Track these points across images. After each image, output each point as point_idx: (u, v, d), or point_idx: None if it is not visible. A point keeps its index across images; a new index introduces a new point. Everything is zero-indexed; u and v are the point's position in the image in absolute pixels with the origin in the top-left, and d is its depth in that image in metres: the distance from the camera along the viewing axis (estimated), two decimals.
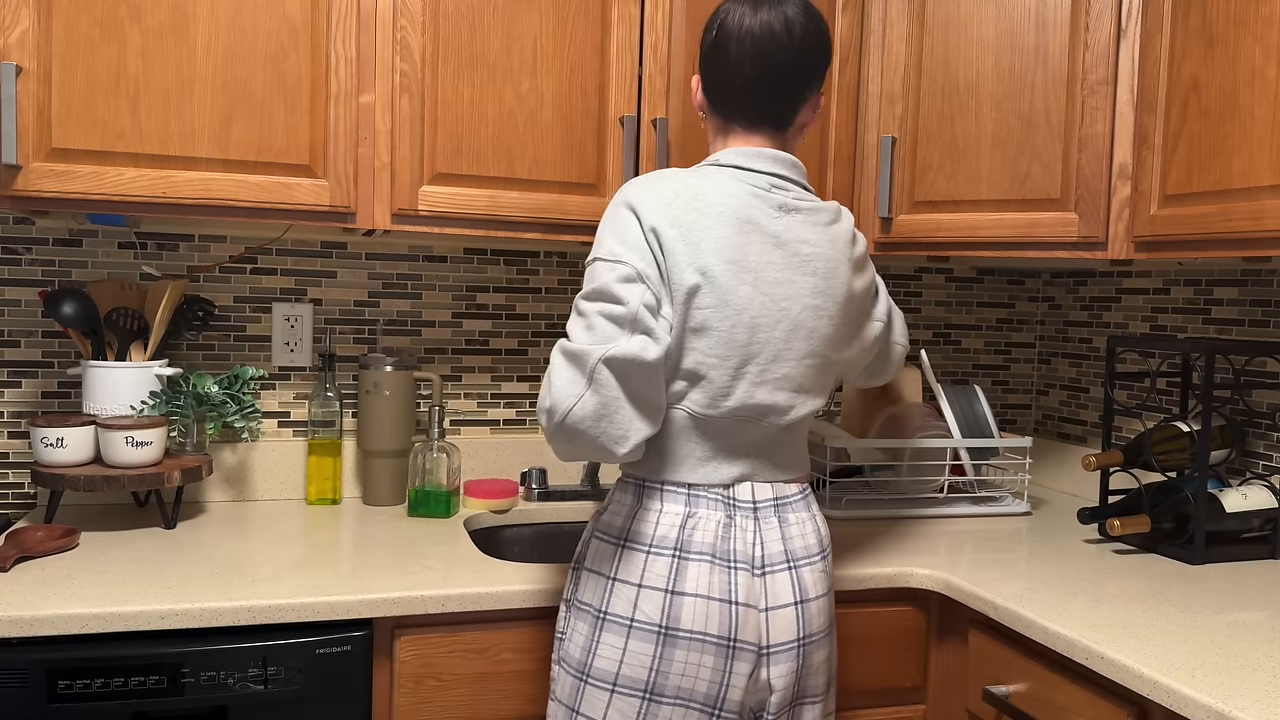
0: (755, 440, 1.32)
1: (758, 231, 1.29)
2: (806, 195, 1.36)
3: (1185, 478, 1.80)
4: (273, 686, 1.40)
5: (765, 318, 1.28)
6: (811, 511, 1.37)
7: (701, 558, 1.27)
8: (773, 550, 1.31)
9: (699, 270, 1.25)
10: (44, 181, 1.56)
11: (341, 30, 1.67)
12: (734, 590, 1.27)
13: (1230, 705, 1.13)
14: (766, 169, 1.33)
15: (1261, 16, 1.49)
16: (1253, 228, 1.50)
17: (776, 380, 1.30)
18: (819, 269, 1.32)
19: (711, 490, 1.31)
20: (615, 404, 1.21)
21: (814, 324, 1.32)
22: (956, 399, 2.08)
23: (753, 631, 1.28)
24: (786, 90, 1.34)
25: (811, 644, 1.32)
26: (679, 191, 1.28)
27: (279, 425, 2.05)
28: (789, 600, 1.30)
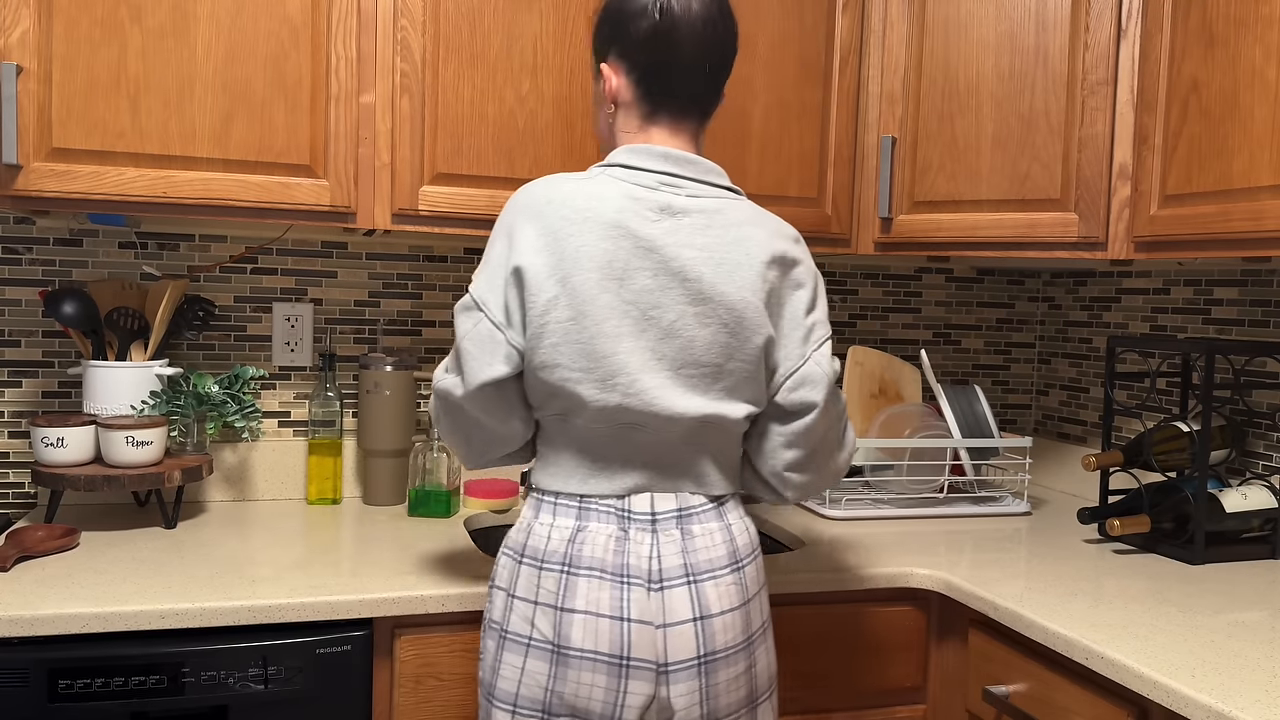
0: (650, 450, 1.26)
1: (627, 237, 1.22)
2: (706, 192, 1.28)
3: (1185, 478, 1.80)
4: (273, 686, 1.40)
5: (632, 326, 1.22)
6: (724, 522, 1.29)
7: (591, 573, 1.22)
8: (671, 565, 1.24)
9: (560, 281, 1.21)
10: (44, 181, 1.56)
11: (342, 30, 1.67)
12: (626, 607, 1.22)
13: (1230, 705, 1.13)
14: (656, 167, 1.27)
15: (1261, 16, 1.49)
16: (1253, 228, 1.50)
17: (653, 389, 1.23)
18: (703, 273, 1.24)
19: (604, 502, 1.26)
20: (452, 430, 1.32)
21: (694, 332, 1.23)
22: (956, 399, 2.08)
23: (648, 649, 1.22)
24: (719, 79, 1.32)
25: (717, 661, 1.25)
26: (550, 199, 1.24)
27: (279, 425, 2.05)
28: (687, 616, 1.23)
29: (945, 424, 2.06)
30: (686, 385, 1.25)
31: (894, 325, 2.44)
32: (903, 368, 2.22)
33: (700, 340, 1.24)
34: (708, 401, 1.25)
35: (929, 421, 2.07)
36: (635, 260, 1.22)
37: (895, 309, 2.44)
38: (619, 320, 1.22)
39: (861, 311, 2.41)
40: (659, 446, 1.26)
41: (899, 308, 2.44)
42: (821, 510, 2.00)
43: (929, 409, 2.11)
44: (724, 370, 1.26)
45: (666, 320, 1.23)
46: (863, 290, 2.41)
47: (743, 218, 1.28)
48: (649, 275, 1.23)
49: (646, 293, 1.23)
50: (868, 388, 2.16)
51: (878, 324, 2.43)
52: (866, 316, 2.42)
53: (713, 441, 1.29)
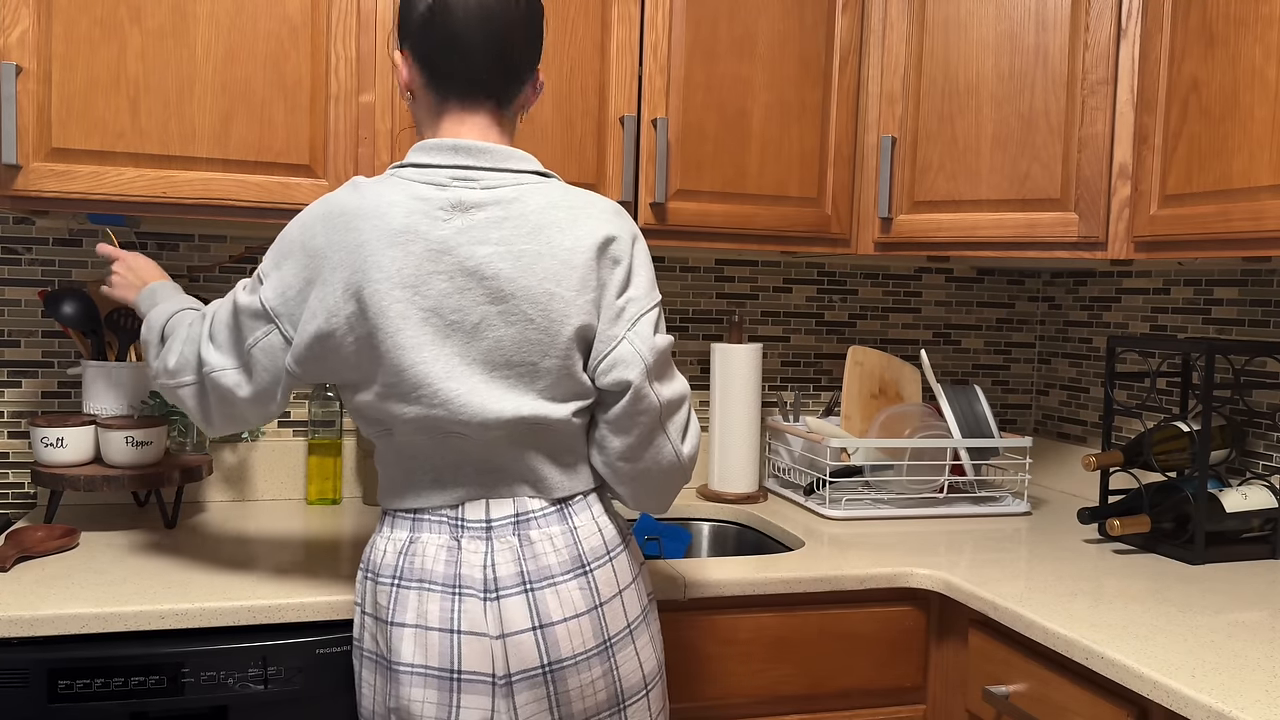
0: (475, 456, 1.22)
1: (418, 240, 1.17)
2: (508, 180, 1.23)
3: (1185, 478, 1.80)
4: (273, 686, 1.40)
5: (431, 334, 1.18)
6: (568, 525, 1.24)
7: (420, 585, 1.20)
8: (506, 573, 1.20)
9: (353, 297, 1.18)
10: (44, 181, 1.56)
11: (341, 30, 1.67)
12: (456, 619, 1.18)
13: (1230, 705, 1.13)
14: (447, 162, 1.22)
15: (1261, 16, 1.49)
16: (1253, 228, 1.50)
17: (461, 396, 1.19)
18: (500, 269, 1.18)
19: (438, 512, 1.23)
20: (205, 408, 1.31)
21: (500, 332, 1.19)
22: (956, 399, 2.08)
23: (482, 661, 1.18)
24: (511, 62, 1.25)
25: (564, 669, 1.21)
26: (343, 210, 1.20)
27: (279, 425, 2.05)
28: (525, 626, 1.19)
29: (945, 424, 2.06)
30: (504, 387, 1.20)
31: (894, 325, 2.44)
32: (903, 368, 2.22)
33: (508, 339, 1.19)
34: (527, 402, 1.21)
35: (929, 421, 2.07)
36: (428, 264, 1.17)
37: (895, 309, 2.44)
38: (417, 330, 1.17)
39: (861, 311, 2.41)
40: (483, 451, 1.22)
41: (899, 308, 2.44)
42: (821, 510, 2.00)
43: (929, 409, 2.11)
44: (540, 368, 1.21)
45: (469, 323, 1.19)
46: (863, 290, 2.41)
47: (544, 203, 1.22)
48: (444, 279, 1.18)
49: (445, 296, 1.18)
50: (868, 388, 2.16)
51: (878, 324, 2.43)
52: (866, 316, 2.42)
53: (545, 442, 1.24)
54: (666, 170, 1.84)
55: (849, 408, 2.12)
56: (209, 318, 1.31)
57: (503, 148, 1.24)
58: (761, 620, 1.60)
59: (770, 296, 2.34)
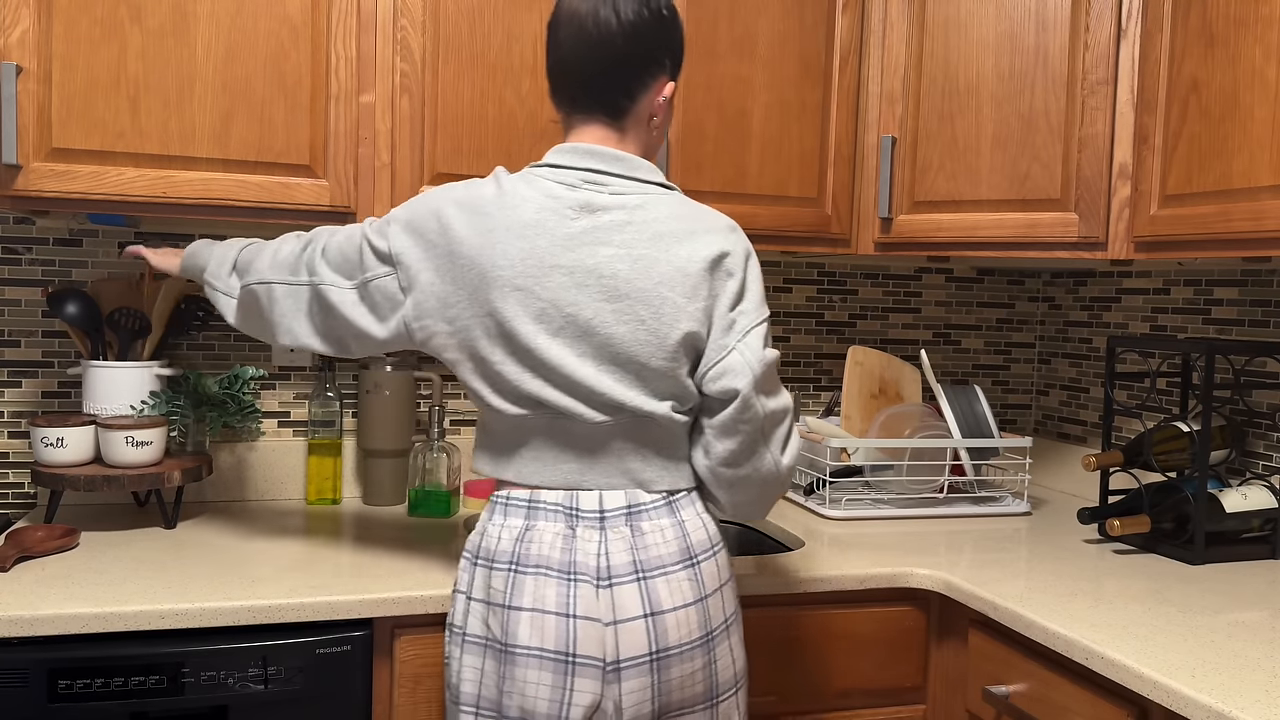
0: (587, 443, 1.27)
1: (545, 235, 1.25)
2: (634, 189, 1.29)
3: (1185, 478, 1.80)
4: (273, 686, 1.40)
5: (547, 325, 1.24)
6: (677, 518, 1.29)
7: (538, 571, 1.24)
8: (619, 561, 1.24)
9: (483, 277, 1.25)
10: (44, 181, 1.56)
11: (342, 30, 1.67)
12: (572, 603, 1.22)
13: (1230, 705, 1.13)
14: (580, 164, 1.29)
15: (1261, 16, 1.49)
16: (1253, 228, 1.50)
17: (573, 385, 1.25)
18: (618, 270, 1.25)
19: (551, 498, 1.27)
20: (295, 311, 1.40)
21: (612, 329, 1.25)
22: (956, 399, 2.08)
23: (595, 646, 1.22)
24: (615, 75, 1.29)
25: (670, 657, 1.25)
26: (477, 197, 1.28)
27: (279, 425, 2.05)
28: (638, 613, 1.23)
29: (945, 424, 2.06)
30: (611, 380, 1.25)
31: (894, 325, 2.44)
32: (903, 368, 2.22)
33: (618, 337, 1.25)
34: (633, 396, 1.26)
35: (929, 421, 2.07)
36: (550, 259, 1.24)
37: (895, 309, 2.44)
38: (534, 320, 1.24)
39: (861, 311, 2.41)
40: (599, 439, 1.27)
41: (899, 308, 2.44)
42: (821, 510, 2.00)
43: (929, 409, 2.11)
44: (648, 368, 1.26)
45: (583, 318, 1.24)
46: (863, 290, 2.41)
47: (666, 213, 1.28)
48: (564, 274, 1.24)
49: (563, 290, 1.24)
50: (868, 388, 2.16)
51: (878, 324, 2.43)
52: (866, 316, 2.42)
53: (651, 437, 1.29)
54: (667, 170, 1.84)
55: (849, 408, 2.12)
56: (320, 240, 1.40)
57: (632, 157, 1.31)
58: (762, 620, 1.60)
59: (770, 296, 2.34)
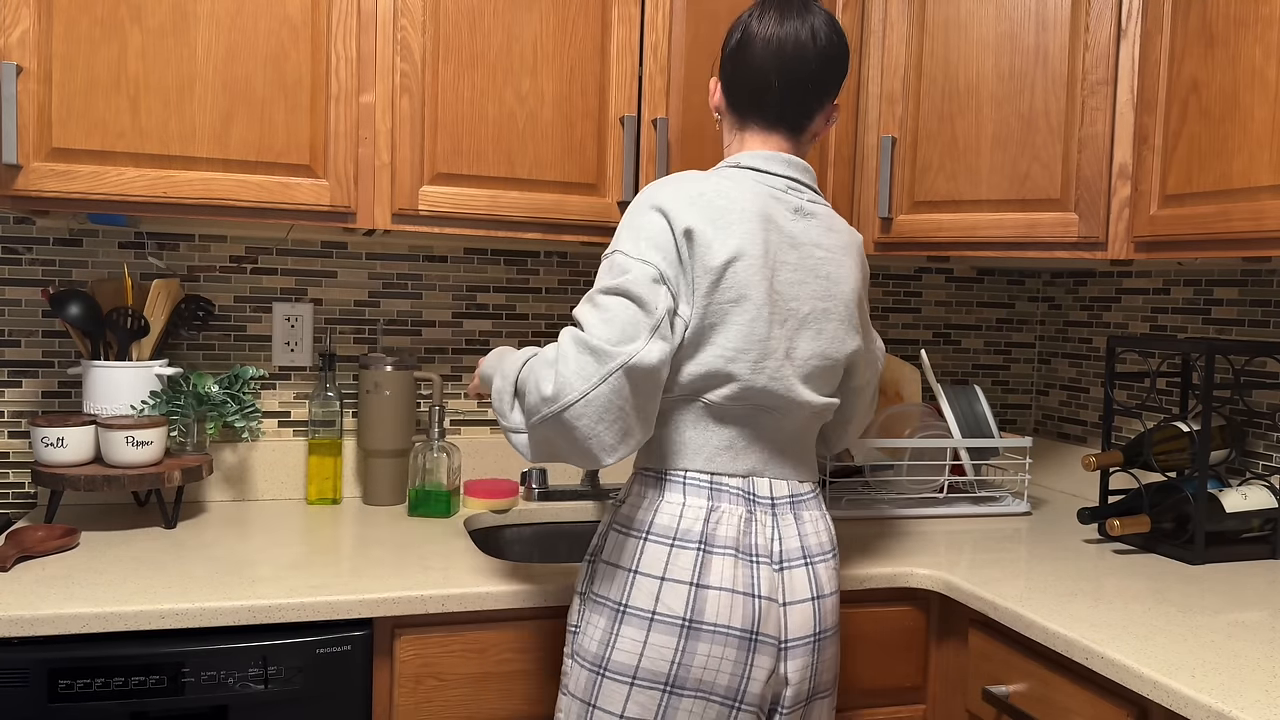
0: (770, 435, 1.35)
1: (777, 230, 1.32)
2: (819, 199, 1.41)
3: (1185, 478, 1.80)
4: (273, 686, 1.40)
5: (779, 314, 1.31)
6: (822, 511, 1.41)
7: (726, 552, 1.29)
8: (790, 546, 1.34)
9: (728, 258, 1.26)
10: (44, 181, 1.56)
11: (342, 30, 1.67)
12: (757, 584, 1.29)
13: (1230, 705, 1.13)
14: (783, 172, 1.37)
15: (1261, 16, 1.49)
16: (1253, 228, 1.50)
17: (790, 376, 1.33)
18: (830, 273, 1.37)
19: (732, 483, 1.33)
20: (620, 411, 1.20)
21: (820, 324, 1.35)
22: (956, 399, 2.08)
23: (774, 625, 1.30)
24: (804, 98, 1.37)
25: (825, 639, 1.35)
26: (703, 190, 1.30)
27: (279, 425, 2.05)
28: (807, 595, 1.33)
29: (945, 424, 2.06)
30: (810, 373, 1.35)
31: (894, 325, 2.44)
32: (902, 368, 2.22)
33: (826, 334, 1.36)
34: (820, 393, 1.38)
35: (929, 421, 2.07)
36: (782, 254, 1.32)
37: (895, 309, 2.44)
38: (769, 308, 1.30)
39: None
40: (783, 431, 1.36)
41: (899, 308, 2.44)
42: None
43: (929, 409, 2.11)
44: (834, 365, 1.38)
45: (802, 313, 1.34)
46: None
47: (843, 227, 1.43)
48: (791, 269, 1.33)
49: (788, 285, 1.33)
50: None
51: (878, 324, 2.43)
52: None
53: (814, 429, 1.41)
54: (667, 170, 1.84)
55: None
56: (579, 327, 1.24)
57: (811, 169, 1.43)
58: None
59: None
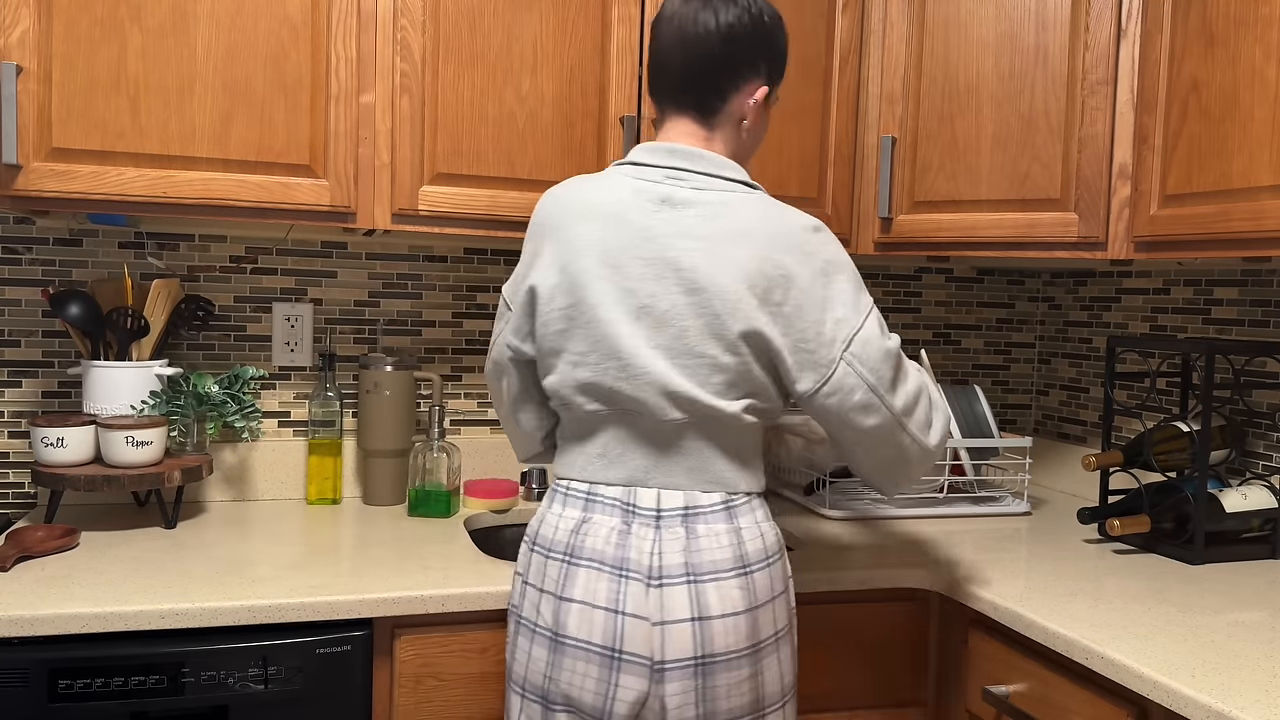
0: (648, 441, 1.28)
1: (627, 226, 1.27)
2: (716, 185, 1.29)
3: (1185, 478, 1.80)
4: (273, 686, 1.40)
5: (625, 313, 1.25)
6: (734, 524, 1.27)
7: (591, 564, 1.25)
8: (672, 562, 1.24)
9: (560, 269, 1.29)
10: (44, 181, 1.56)
11: (342, 30, 1.67)
12: (622, 600, 1.23)
13: (1230, 705, 1.13)
14: (662, 163, 1.31)
15: (1261, 16, 1.49)
16: (1253, 228, 1.50)
17: (649, 374, 1.25)
18: (697, 264, 1.24)
19: (609, 492, 1.28)
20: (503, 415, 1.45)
21: (687, 322, 1.24)
22: (956, 399, 2.08)
23: (642, 644, 1.22)
24: (709, 77, 1.31)
25: (715, 664, 1.23)
26: (561, 195, 1.33)
27: (279, 425, 2.05)
28: (686, 615, 1.23)
29: None
30: (683, 374, 1.25)
31: (894, 325, 2.44)
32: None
33: (693, 330, 1.24)
34: (705, 394, 1.25)
35: None
36: (632, 249, 1.26)
37: (895, 309, 2.44)
38: (615, 306, 1.26)
39: None
40: (663, 436, 1.27)
41: (899, 308, 2.44)
42: (821, 510, 2.00)
43: None
44: (720, 363, 1.25)
45: (660, 309, 1.25)
46: None
47: (749, 212, 1.27)
48: (643, 264, 1.26)
49: (641, 281, 1.25)
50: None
51: None
52: None
53: (719, 436, 1.28)
54: None
55: None
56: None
57: (713, 155, 1.31)
58: None
59: None
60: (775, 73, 1.37)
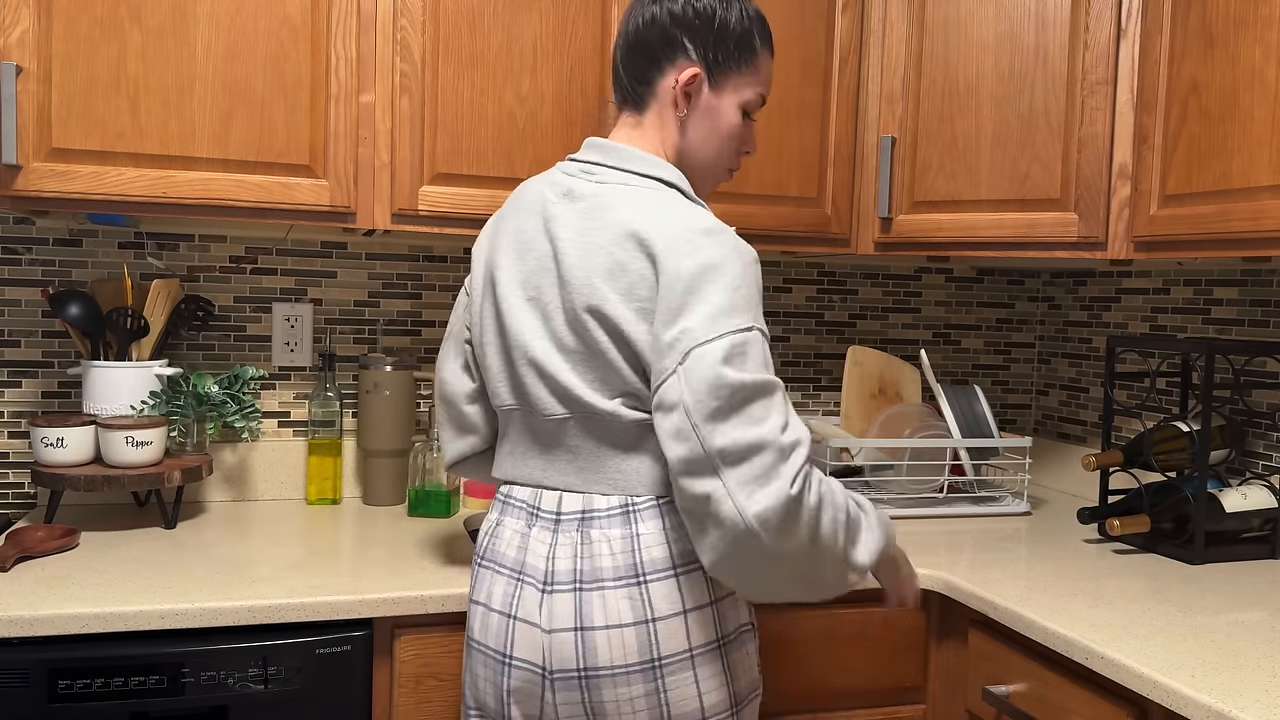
0: (541, 439, 1.25)
1: (533, 219, 1.28)
2: (617, 178, 1.25)
3: (1185, 478, 1.80)
4: (273, 686, 1.40)
5: (522, 302, 1.25)
6: (631, 530, 1.19)
7: (499, 568, 1.26)
8: (562, 568, 1.19)
9: (484, 264, 1.33)
10: (44, 181, 1.56)
11: (342, 30, 1.67)
12: (516, 604, 1.21)
13: (1230, 705, 1.13)
14: (583, 156, 1.30)
15: (1261, 17, 1.49)
16: (1252, 228, 1.50)
17: (538, 367, 1.22)
18: (570, 256, 1.20)
19: (519, 494, 1.27)
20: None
21: (562, 316, 1.21)
22: (956, 399, 2.08)
23: (534, 651, 1.19)
24: (634, 62, 1.30)
25: (600, 678, 1.17)
26: (515, 192, 1.36)
27: (279, 425, 2.05)
28: (569, 625, 1.18)
29: (945, 424, 2.06)
30: (562, 368, 1.21)
31: (894, 325, 2.44)
32: (903, 368, 2.22)
33: (567, 323, 1.21)
34: (584, 388, 1.20)
35: (929, 421, 2.07)
36: (535, 241, 1.26)
37: (895, 309, 2.44)
38: (512, 297, 1.26)
39: (861, 311, 2.41)
40: (550, 436, 1.24)
41: (899, 308, 2.44)
42: None
43: (929, 409, 2.11)
44: (588, 358, 1.20)
45: (544, 300, 1.24)
46: (863, 290, 2.41)
47: (629, 203, 1.20)
48: (535, 258, 1.26)
49: (533, 272, 1.25)
50: (868, 388, 2.16)
51: (878, 324, 2.43)
52: (866, 316, 2.42)
53: (607, 437, 1.21)
54: None
55: (849, 408, 2.12)
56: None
57: (624, 147, 1.27)
58: (761, 620, 1.60)
59: (770, 296, 2.34)
60: (717, 58, 1.28)
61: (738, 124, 1.32)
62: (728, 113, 1.30)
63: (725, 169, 1.35)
